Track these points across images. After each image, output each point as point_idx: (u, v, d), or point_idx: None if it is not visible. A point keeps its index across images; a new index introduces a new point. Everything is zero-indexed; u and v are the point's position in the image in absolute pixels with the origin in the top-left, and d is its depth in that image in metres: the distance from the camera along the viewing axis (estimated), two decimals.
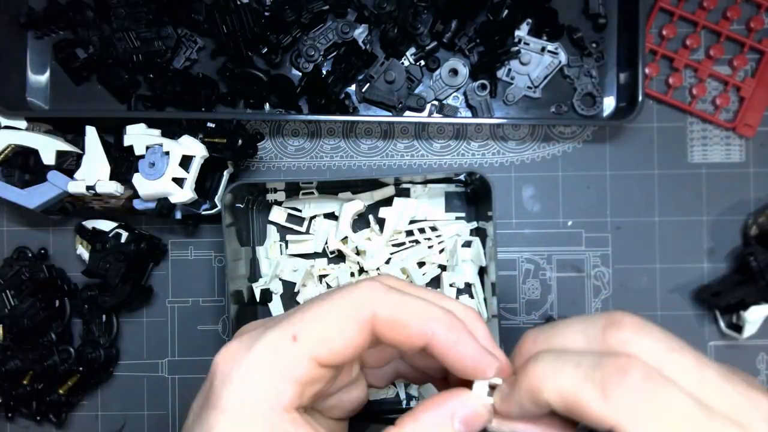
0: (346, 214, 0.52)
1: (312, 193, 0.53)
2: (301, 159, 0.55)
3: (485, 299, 0.51)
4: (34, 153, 0.49)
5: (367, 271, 0.53)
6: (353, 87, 0.54)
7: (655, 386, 0.22)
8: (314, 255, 0.54)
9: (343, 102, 0.53)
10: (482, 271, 0.52)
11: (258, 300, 0.53)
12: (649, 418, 0.22)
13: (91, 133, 0.49)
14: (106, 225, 0.52)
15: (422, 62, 0.54)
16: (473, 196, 0.53)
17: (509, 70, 0.54)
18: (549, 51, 0.53)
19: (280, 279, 0.54)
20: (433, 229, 0.53)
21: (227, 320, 0.50)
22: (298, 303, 0.53)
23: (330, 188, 0.53)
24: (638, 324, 0.24)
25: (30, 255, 0.54)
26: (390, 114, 0.54)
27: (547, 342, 0.26)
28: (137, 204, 0.50)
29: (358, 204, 0.52)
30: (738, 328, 0.52)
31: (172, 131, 0.50)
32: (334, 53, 0.54)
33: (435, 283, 0.53)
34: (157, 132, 0.49)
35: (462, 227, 0.53)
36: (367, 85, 0.53)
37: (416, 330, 0.26)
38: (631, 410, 0.22)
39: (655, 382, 0.22)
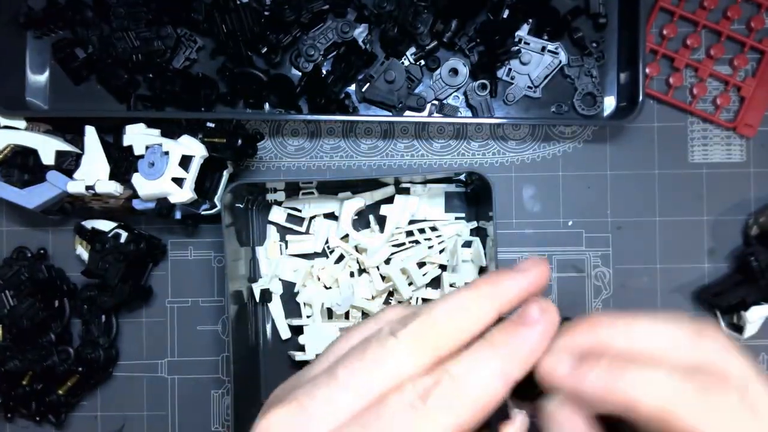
0: (347, 211, 0.52)
1: (312, 192, 0.53)
2: (301, 159, 0.55)
3: None
4: (33, 153, 0.49)
5: (367, 271, 0.53)
6: (353, 87, 0.54)
7: (752, 410, 0.22)
8: (314, 255, 0.54)
9: (343, 102, 0.53)
10: (482, 272, 0.51)
11: (258, 300, 0.53)
12: None
13: (90, 132, 0.49)
14: (105, 225, 0.52)
15: (422, 62, 0.54)
16: (473, 196, 0.53)
17: (509, 69, 0.54)
18: (549, 51, 0.53)
19: (280, 279, 0.54)
20: (433, 229, 0.53)
21: (227, 320, 0.50)
22: (297, 303, 0.53)
23: (330, 188, 0.53)
24: (726, 339, 0.24)
25: (29, 255, 0.54)
26: (390, 114, 0.54)
27: (628, 333, 0.25)
28: (137, 204, 0.50)
29: (358, 201, 0.52)
30: (739, 328, 0.51)
31: (171, 131, 0.49)
32: (334, 53, 0.53)
33: (435, 283, 0.53)
34: (157, 132, 0.49)
35: (462, 227, 0.53)
36: (367, 84, 0.53)
37: (501, 395, 0.23)
38: (728, 428, 0.22)
39: (752, 405, 0.22)
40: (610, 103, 0.54)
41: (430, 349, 0.24)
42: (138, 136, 0.48)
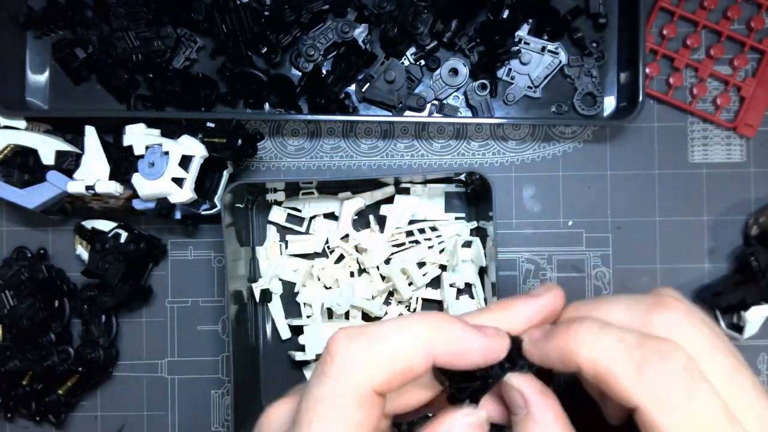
0: (347, 211, 0.52)
1: (312, 193, 0.53)
2: (301, 159, 0.55)
3: (485, 299, 0.51)
4: (33, 153, 0.49)
5: (367, 271, 0.53)
6: (353, 87, 0.54)
7: (691, 381, 0.22)
8: (314, 255, 0.54)
9: (343, 102, 0.53)
10: (482, 272, 0.51)
11: (258, 300, 0.53)
12: (675, 410, 0.22)
13: (90, 132, 0.49)
14: (105, 225, 0.52)
15: (422, 62, 0.54)
16: (473, 196, 0.53)
17: (509, 69, 0.54)
18: (549, 51, 0.53)
19: (280, 279, 0.54)
20: (433, 229, 0.53)
21: (227, 320, 0.50)
22: (297, 303, 0.53)
23: (330, 188, 0.53)
24: (686, 309, 0.24)
25: (29, 255, 0.54)
26: (390, 114, 0.54)
27: (588, 312, 0.26)
28: (137, 204, 0.50)
29: (358, 201, 0.52)
30: (739, 328, 0.51)
31: (171, 131, 0.49)
32: (334, 53, 0.53)
33: (435, 283, 0.53)
34: (157, 132, 0.49)
35: (462, 227, 0.53)
36: (367, 84, 0.53)
37: (420, 367, 0.24)
38: (661, 397, 0.22)
39: (693, 376, 0.22)
40: (610, 103, 0.54)
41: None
42: (138, 136, 0.48)
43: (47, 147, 0.48)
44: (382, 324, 0.24)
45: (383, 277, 0.52)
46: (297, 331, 0.53)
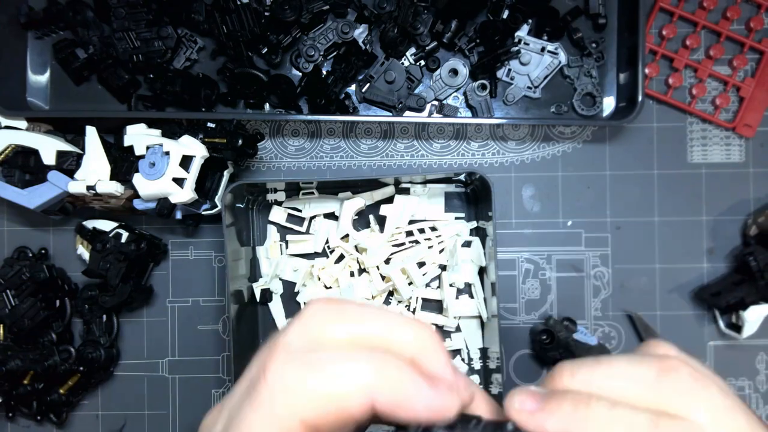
0: (347, 211, 0.52)
1: (312, 193, 0.53)
2: (301, 159, 0.55)
3: (485, 299, 0.51)
4: (34, 153, 0.49)
5: (367, 271, 0.53)
6: (353, 87, 0.54)
7: None
8: (314, 255, 0.54)
9: (343, 102, 0.53)
10: (482, 271, 0.52)
11: (258, 300, 0.53)
12: None
13: (91, 133, 0.49)
14: (106, 225, 0.52)
15: (422, 62, 0.54)
16: (473, 196, 0.53)
17: (509, 70, 0.54)
18: (549, 51, 0.53)
19: (280, 279, 0.54)
20: (433, 229, 0.53)
21: (227, 320, 0.50)
22: (298, 303, 0.53)
23: (330, 188, 0.53)
24: (693, 372, 0.23)
25: (30, 255, 0.54)
26: (390, 114, 0.54)
27: (589, 380, 0.23)
28: (137, 204, 0.50)
29: (358, 201, 0.52)
30: (737, 327, 0.52)
31: (172, 131, 0.50)
32: (334, 53, 0.54)
33: (435, 283, 0.53)
34: (158, 132, 0.49)
35: (462, 227, 0.53)
36: (367, 85, 0.53)
37: (356, 410, 0.21)
38: None
39: None
40: (609, 104, 0.54)
41: None
42: (139, 137, 0.48)
43: (48, 147, 0.49)
44: (327, 351, 0.22)
45: (383, 277, 0.52)
46: None
